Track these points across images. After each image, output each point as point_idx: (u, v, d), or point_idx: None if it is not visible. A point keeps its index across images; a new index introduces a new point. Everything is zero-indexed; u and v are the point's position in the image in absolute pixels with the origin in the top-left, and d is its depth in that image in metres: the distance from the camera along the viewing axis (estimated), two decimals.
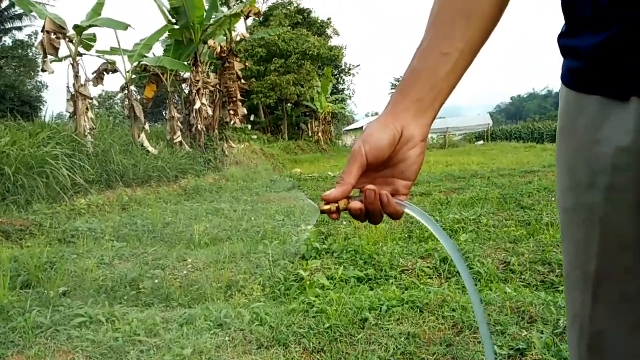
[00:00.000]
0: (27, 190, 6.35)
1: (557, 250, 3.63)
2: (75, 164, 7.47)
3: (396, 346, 2.28)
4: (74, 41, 9.51)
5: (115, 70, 10.88)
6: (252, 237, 4.85)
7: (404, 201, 0.66)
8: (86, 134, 8.97)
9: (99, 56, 10.89)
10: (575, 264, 0.66)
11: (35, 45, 10.12)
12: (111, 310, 2.79)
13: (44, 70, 9.12)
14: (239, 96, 13.65)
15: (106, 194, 7.45)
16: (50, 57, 9.05)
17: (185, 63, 12.27)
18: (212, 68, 14.01)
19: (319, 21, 31.19)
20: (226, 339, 2.43)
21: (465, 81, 0.69)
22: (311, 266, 3.68)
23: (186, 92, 13.52)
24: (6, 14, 26.05)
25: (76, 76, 9.41)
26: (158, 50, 19.84)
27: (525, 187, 6.92)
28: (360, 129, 40.86)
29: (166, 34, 12.77)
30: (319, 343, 2.37)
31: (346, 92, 39.53)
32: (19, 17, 26.23)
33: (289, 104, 28.13)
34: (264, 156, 16.78)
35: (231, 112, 13.59)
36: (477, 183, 8.15)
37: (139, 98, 12.55)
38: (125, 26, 10.18)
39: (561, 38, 0.66)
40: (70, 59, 9.46)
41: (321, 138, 29.08)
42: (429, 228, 0.65)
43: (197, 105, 12.41)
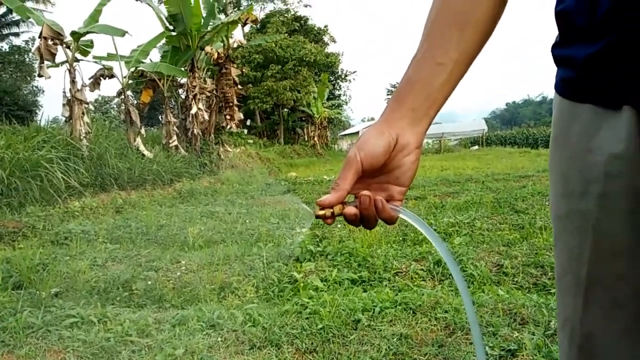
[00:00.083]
0: (21, 193, 6.33)
1: (550, 254, 3.65)
2: (69, 167, 7.45)
3: (388, 347, 2.29)
4: (71, 47, 9.52)
5: (111, 76, 10.89)
6: (246, 240, 4.85)
7: (399, 206, 0.66)
8: (81, 137, 8.95)
9: (95, 62, 10.90)
10: (567, 269, 0.66)
11: (32, 51, 10.10)
12: (103, 311, 2.78)
13: (40, 76, 9.12)
14: (235, 101, 13.67)
15: (100, 197, 7.42)
16: (47, 63, 9.04)
17: (182, 69, 12.30)
18: (209, 74, 14.04)
19: (316, 28, 31.33)
20: (218, 339, 2.43)
21: (461, 87, 0.70)
22: (305, 268, 3.68)
23: (182, 97, 13.54)
24: (3, 20, 26.06)
25: (72, 81, 9.41)
26: (155, 56, 19.90)
27: (519, 192, 6.94)
28: (355, 133, 40.98)
29: (163, 41, 12.80)
30: (312, 344, 2.37)
31: (342, 98, 39.67)
32: (16, 23, 26.25)
33: (285, 109, 28.20)
34: (259, 160, 16.78)
35: (227, 117, 13.61)
36: (472, 187, 8.17)
37: (135, 103, 12.54)
38: (122, 32, 10.20)
39: (555, 48, 0.67)
40: (67, 65, 9.46)
41: (317, 142, 29.13)
42: (423, 233, 0.66)
43: (194, 110, 12.42)
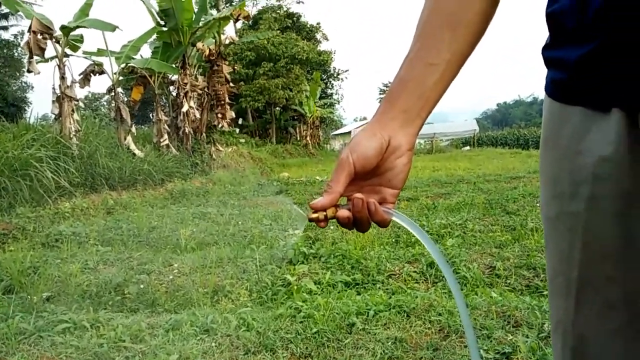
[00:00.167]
0: (10, 193, 6.25)
1: (542, 255, 3.67)
2: (59, 167, 7.36)
3: (383, 350, 2.29)
4: (61, 42, 9.40)
5: (102, 72, 10.79)
6: (239, 242, 4.83)
7: (391, 209, 0.66)
8: (71, 136, 8.86)
9: (85, 57, 10.79)
10: (559, 271, 0.67)
11: (21, 45, 9.98)
12: (95, 316, 2.75)
13: (29, 71, 9.01)
14: (227, 99, 13.60)
15: (91, 197, 7.35)
16: (36, 58, 8.92)
17: (173, 65, 12.21)
18: (200, 71, 13.95)
19: (308, 25, 31.31)
20: (212, 344, 2.42)
21: (452, 87, 0.70)
22: (298, 271, 3.67)
23: (174, 95, 13.44)
24: None
25: (62, 77, 9.30)
26: (146, 52, 19.71)
27: (511, 193, 6.99)
28: (348, 133, 41.01)
29: (154, 36, 12.69)
30: (306, 348, 2.37)
31: (334, 97, 39.73)
32: (5, 17, 25.94)
33: (277, 108, 28.15)
34: (251, 160, 16.72)
35: (219, 115, 13.54)
36: (464, 188, 8.22)
37: (126, 100, 12.43)
38: (112, 27, 10.11)
39: (545, 50, 0.67)
40: (57, 60, 9.35)
41: (309, 142, 29.12)
42: (415, 235, 0.66)
43: (185, 108, 12.34)
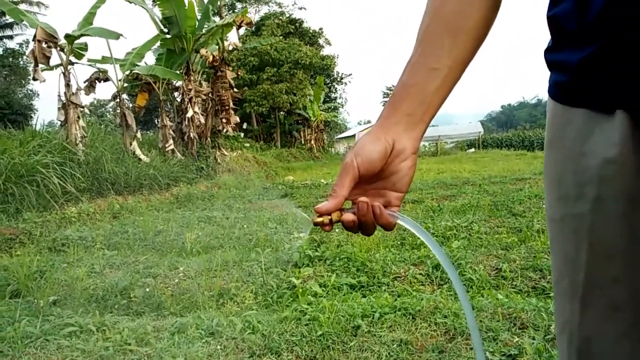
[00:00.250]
0: (17, 199, 6.30)
1: (548, 257, 3.65)
2: (66, 172, 7.41)
3: (388, 353, 2.28)
4: (65, 50, 9.48)
5: (106, 79, 10.86)
6: (244, 245, 4.83)
7: (396, 212, 0.67)
8: (77, 142, 8.91)
9: (90, 65, 10.86)
10: (564, 272, 0.67)
11: (26, 54, 10.06)
12: (101, 319, 2.76)
13: (35, 79, 9.06)
14: (231, 104, 13.66)
15: (97, 202, 7.39)
16: (41, 66, 9.00)
17: (178, 72, 12.27)
18: (204, 77, 14.02)
19: (311, 31, 31.41)
20: (218, 347, 2.42)
21: (457, 90, 0.70)
22: (303, 274, 3.67)
23: (178, 101, 13.51)
24: None
25: (67, 84, 9.37)
26: (150, 59, 19.86)
27: (516, 194, 6.96)
28: (352, 136, 40.98)
29: (158, 43, 12.78)
30: (311, 350, 2.36)
31: (338, 101, 39.79)
32: (10, 26, 26.17)
33: (282, 112, 28.21)
34: (256, 164, 16.75)
35: (223, 120, 13.59)
36: (469, 190, 8.19)
37: (131, 106, 12.51)
38: (117, 35, 10.18)
39: (547, 53, 0.67)
40: (62, 68, 9.42)
41: (314, 146, 29.15)
42: (421, 238, 0.66)
43: (190, 114, 12.39)
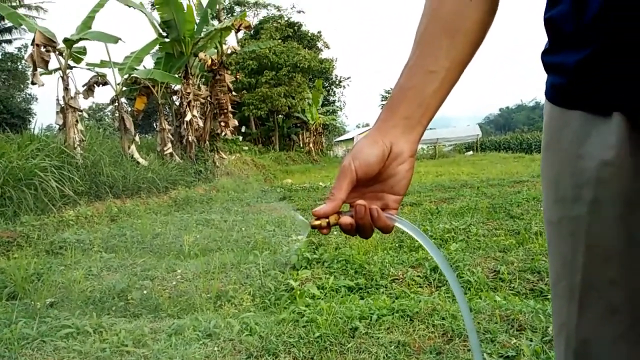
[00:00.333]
0: (15, 202, 6.28)
1: (546, 259, 3.63)
2: (64, 176, 7.40)
3: (386, 354, 2.28)
4: (64, 54, 9.48)
5: (105, 83, 10.86)
6: (243, 248, 4.83)
7: (394, 215, 0.67)
8: (75, 145, 8.91)
9: (89, 69, 10.87)
10: (561, 275, 0.67)
11: (25, 58, 10.07)
12: (99, 321, 2.75)
13: (33, 83, 9.07)
14: (229, 108, 13.67)
15: (95, 205, 7.38)
16: (40, 70, 9.00)
17: (176, 75, 12.29)
18: (203, 80, 14.04)
19: (309, 34, 31.47)
20: (215, 349, 2.41)
21: (455, 93, 0.70)
22: (301, 276, 3.67)
23: (177, 104, 13.52)
24: None
25: (66, 88, 9.37)
26: (148, 63, 19.88)
27: (514, 197, 6.96)
28: (351, 139, 41.05)
29: (156, 47, 12.80)
30: (309, 352, 2.36)
31: (337, 104, 39.88)
32: (9, 30, 26.18)
33: (280, 116, 28.23)
34: (255, 167, 16.75)
35: (222, 124, 13.60)
36: (467, 193, 8.20)
37: (129, 110, 12.51)
38: (115, 39, 10.19)
39: (544, 55, 0.67)
40: (60, 72, 9.43)
41: (312, 149, 29.17)
42: (419, 241, 0.66)
43: (188, 117, 12.41)
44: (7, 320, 2.75)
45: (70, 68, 9.66)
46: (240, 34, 25.52)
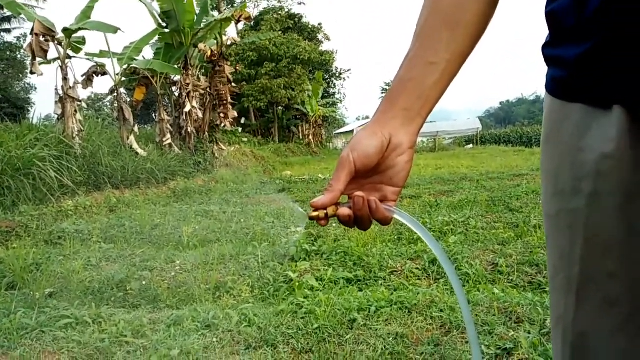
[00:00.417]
0: (14, 192, 6.27)
1: (545, 252, 3.66)
2: (62, 166, 7.38)
3: (384, 346, 2.29)
4: (63, 44, 9.43)
5: (104, 73, 10.81)
6: (241, 239, 4.83)
7: (393, 207, 0.66)
8: (74, 135, 8.88)
9: (88, 59, 10.82)
10: (559, 267, 0.67)
11: (24, 48, 10.02)
12: (98, 312, 2.76)
13: (32, 72, 9.03)
14: (229, 99, 13.62)
15: (94, 196, 7.37)
16: (38, 60, 8.95)
17: (176, 66, 12.23)
18: (203, 71, 13.98)
19: (310, 26, 31.32)
20: (214, 339, 2.42)
21: (455, 86, 0.70)
22: (300, 267, 3.68)
23: (176, 95, 13.47)
24: None
25: (65, 78, 9.32)
26: (148, 53, 19.78)
27: (514, 190, 6.96)
28: (350, 132, 41.00)
29: (156, 38, 12.72)
30: (307, 343, 2.37)
31: (337, 96, 39.73)
32: (7, 20, 26.02)
33: (280, 107, 28.16)
34: (254, 158, 16.73)
35: (221, 115, 13.56)
36: (466, 186, 8.20)
37: (129, 100, 12.45)
38: (114, 29, 10.13)
39: (545, 48, 0.67)
40: (59, 61, 9.38)
41: (312, 141, 29.11)
42: (417, 233, 0.66)
43: (187, 108, 12.36)
44: (7, 311, 2.76)
45: (69, 58, 9.61)
46: (241, 25, 25.34)
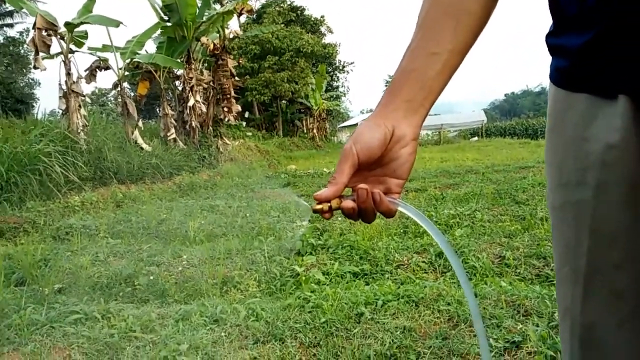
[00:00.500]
0: (20, 188, 6.31)
1: (551, 244, 3.65)
2: (68, 161, 7.41)
3: (392, 340, 2.29)
4: (66, 38, 9.43)
5: (107, 67, 10.81)
6: (247, 233, 4.84)
7: (397, 199, 0.66)
8: (79, 130, 8.90)
9: (90, 53, 10.81)
10: (565, 259, 0.66)
11: (27, 42, 10.03)
12: (106, 307, 2.78)
13: (35, 67, 9.06)
14: (232, 93, 13.60)
15: (100, 191, 7.40)
16: (41, 54, 8.97)
17: (178, 60, 12.20)
18: (205, 65, 13.95)
19: (313, 19, 31.15)
20: (222, 334, 2.43)
21: (460, 79, 0.69)
22: (306, 262, 3.68)
23: (179, 89, 13.46)
24: None
25: (68, 73, 9.34)
26: (150, 47, 19.77)
27: (520, 182, 6.94)
28: (354, 125, 40.87)
29: (158, 31, 12.69)
30: (315, 337, 2.37)
31: (340, 89, 39.58)
32: (10, 14, 26.05)
33: (284, 101, 28.09)
34: (258, 153, 16.73)
35: (225, 109, 13.54)
36: (472, 179, 8.17)
37: (132, 95, 12.47)
38: (117, 23, 10.11)
39: (549, 37, 0.66)
40: (62, 56, 9.38)
41: (316, 134, 29.03)
42: (422, 225, 0.65)
43: (191, 102, 12.36)
44: (17, 306, 2.78)
45: (72, 52, 9.61)
46: (243, 18, 25.27)
